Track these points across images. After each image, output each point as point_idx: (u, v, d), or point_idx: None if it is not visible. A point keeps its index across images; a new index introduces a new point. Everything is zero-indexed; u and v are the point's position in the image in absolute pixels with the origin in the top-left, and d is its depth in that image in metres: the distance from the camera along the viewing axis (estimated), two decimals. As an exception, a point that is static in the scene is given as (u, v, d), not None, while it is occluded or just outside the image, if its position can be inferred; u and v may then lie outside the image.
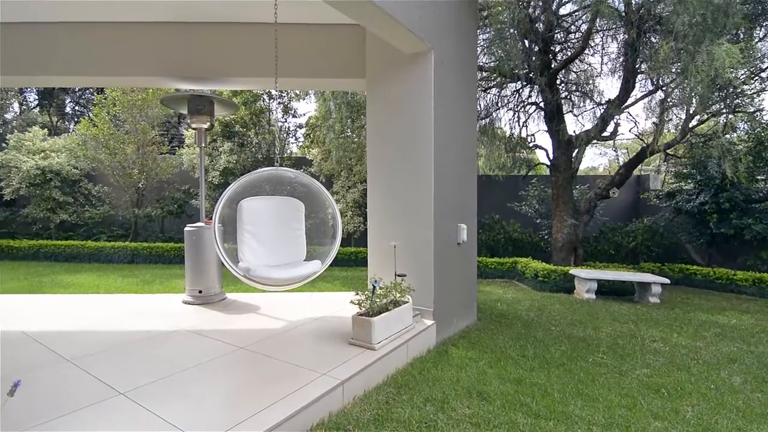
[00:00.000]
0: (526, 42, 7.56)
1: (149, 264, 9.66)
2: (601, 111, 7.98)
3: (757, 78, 7.05)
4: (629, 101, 7.62)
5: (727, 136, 7.19)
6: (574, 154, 7.96)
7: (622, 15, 6.69)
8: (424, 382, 3.08)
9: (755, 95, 6.90)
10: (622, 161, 9.23)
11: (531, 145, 9.30)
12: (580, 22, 7.96)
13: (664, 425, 2.57)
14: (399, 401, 2.78)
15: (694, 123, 7.36)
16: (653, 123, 7.76)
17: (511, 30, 6.94)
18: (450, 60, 4.34)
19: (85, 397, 2.46)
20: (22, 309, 4.62)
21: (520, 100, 8.87)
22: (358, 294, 3.46)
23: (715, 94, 6.42)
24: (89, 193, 11.61)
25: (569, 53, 8.12)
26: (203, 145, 5.27)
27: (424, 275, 4.07)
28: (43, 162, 10.69)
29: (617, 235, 9.12)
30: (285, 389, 2.54)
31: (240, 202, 3.80)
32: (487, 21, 7.29)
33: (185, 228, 4.96)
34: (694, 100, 6.05)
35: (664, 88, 7.30)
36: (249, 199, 3.84)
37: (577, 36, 8.15)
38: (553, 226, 8.10)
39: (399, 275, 3.94)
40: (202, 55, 5.15)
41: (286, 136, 12.87)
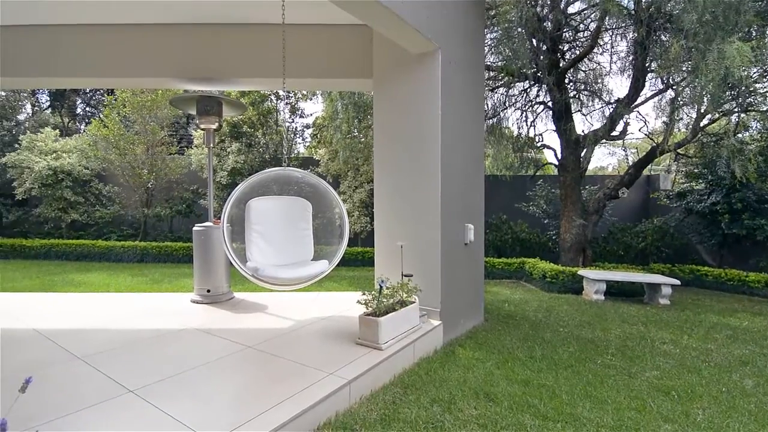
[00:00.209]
0: (534, 41, 7.51)
1: (158, 263, 9.76)
2: (610, 110, 7.90)
3: (769, 76, 6.93)
4: (639, 100, 7.53)
5: (739, 135, 7.08)
6: (582, 154, 7.89)
7: (632, 13, 6.61)
8: (430, 383, 3.08)
9: (768, 93, 6.80)
10: (631, 161, 9.11)
11: (539, 144, 9.23)
12: (589, 20, 7.89)
13: (674, 428, 2.54)
14: (406, 401, 2.78)
15: (705, 122, 7.25)
16: (663, 122, 7.66)
17: (518, 29, 6.90)
18: (457, 59, 4.32)
19: (95, 394, 2.49)
20: (34, 307, 4.69)
21: (527, 99, 8.82)
22: (365, 294, 3.46)
23: (727, 92, 6.31)
24: (100, 193, 11.77)
25: (578, 52, 8.06)
26: (211, 145, 5.31)
27: (431, 275, 4.05)
28: (55, 162, 10.85)
29: (627, 236, 9.03)
30: (292, 388, 2.55)
31: (248, 202, 3.83)
32: (494, 20, 7.25)
33: (194, 228, 5.00)
34: (705, 99, 5.95)
35: (674, 87, 7.20)
36: (257, 199, 3.87)
37: (585, 34, 8.08)
38: (562, 226, 8.04)
39: (406, 275, 3.94)
40: (210, 56, 5.20)
41: (293, 136, 12.92)
